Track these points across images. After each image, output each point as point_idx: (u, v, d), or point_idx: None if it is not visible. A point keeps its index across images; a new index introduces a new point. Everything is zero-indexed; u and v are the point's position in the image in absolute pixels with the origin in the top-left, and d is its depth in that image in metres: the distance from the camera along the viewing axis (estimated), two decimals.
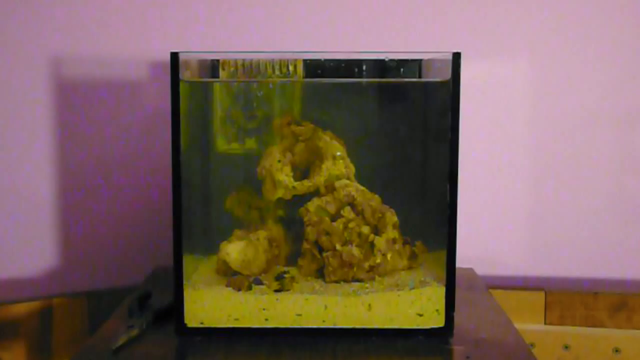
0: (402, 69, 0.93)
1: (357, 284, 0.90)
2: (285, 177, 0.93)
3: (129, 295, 1.00)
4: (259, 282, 0.89)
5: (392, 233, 0.92)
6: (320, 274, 0.92)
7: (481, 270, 1.18)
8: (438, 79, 0.88)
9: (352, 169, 0.95)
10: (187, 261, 0.86)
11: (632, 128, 1.19)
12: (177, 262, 0.84)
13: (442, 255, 0.85)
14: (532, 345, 1.15)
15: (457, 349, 0.83)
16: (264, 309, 0.85)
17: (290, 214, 0.96)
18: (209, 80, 0.95)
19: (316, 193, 0.94)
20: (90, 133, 1.16)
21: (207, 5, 1.17)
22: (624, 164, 1.20)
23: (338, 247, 0.90)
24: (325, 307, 0.86)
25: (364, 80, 0.94)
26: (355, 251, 0.90)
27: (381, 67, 0.93)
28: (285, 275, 0.89)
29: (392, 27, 1.18)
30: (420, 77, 0.95)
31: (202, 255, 0.97)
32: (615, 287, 1.20)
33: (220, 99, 0.98)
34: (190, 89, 0.88)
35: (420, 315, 0.86)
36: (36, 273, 1.15)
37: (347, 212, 0.91)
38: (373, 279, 0.91)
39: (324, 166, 0.93)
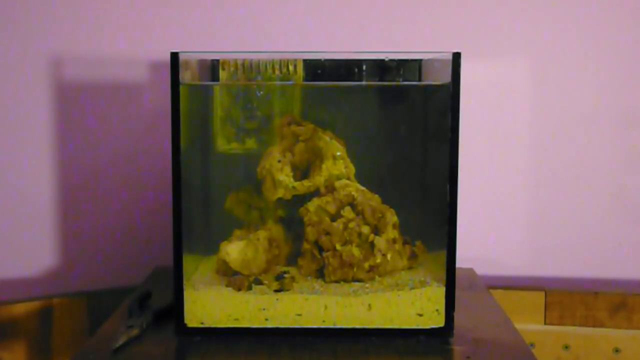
0: (402, 69, 0.93)
1: (357, 284, 0.90)
2: (285, 177, 0.93)
3: (129, 295, 1.00)
4: (259, 282, 0.89)
5: (392, 233, 0.92)
6: (320, 274, 0.92)
7: (481, 270, 1.18)
8: (438, 83, 0.88)
9: (352, 169, 0.95)
10: (187, 261, 0.86)
11: (632, 128, 1.19)
12: (177, 262, 0.84)
13: (442, 255, 0.85)
14: (532, 345, 1.15)
15: (457, 349, 0.83)
16: (264, 309, 0.85)
17: (290, 214, 0.96)
18: (209, 84, 0.95)
19: (316, 193, 0.94)
20: (90, 133, 1.16)
21: (207, 5, 1.17)
22: (624, 164, 1.20)
23: (338, 247, 0.90)
24: (325, 307, 0.86)
25: (365, 83, 0.94)
26: (355, 251, 0.90)
27: (381, 67, 0.92)
28: (285, 275, 0.89)
29: (392, 27, 1.18)
30: (420, 77, 0.95)
31: (202, 255, 0.97)
32: (615, 287, 1.20)
33: (220, 99, 0.98)
34: (190, 89, 0.88)
35: (420, 315, 0.86)
36: (36, 273, 1.15)
37: (347, 212, 0.91)
38: (373, 279, 0.91)
39: (324, 166, 0.93)
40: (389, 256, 0.91)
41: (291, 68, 0.91)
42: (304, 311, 0.85)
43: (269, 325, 0.85)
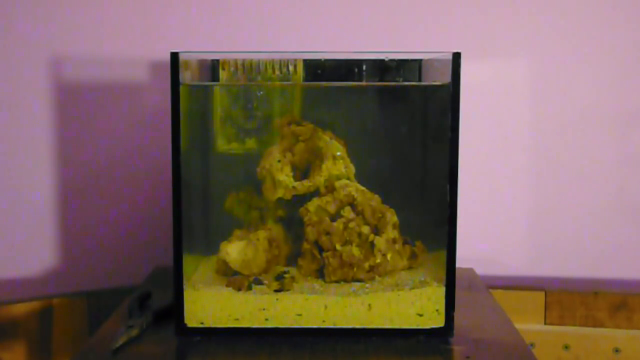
0: (402, 69, 0.93)
1: (357, 284, 0.90)
2: (285, 177, 0.93)
3: (129, 295, 1.00)
4: (259, 282, 0.89)
5: (392, 233, 0.92)
6: (320, 274, 0.92)
7: (481, 270, 1.18)
8: (438, 83, 0.88)
9: (352, 169, 0.95)
10: (187, 261, 0.86)
11: (632, 128, 1.19)
12: (177, 262, 0.84)
13: (442, 255, 0.85)
14: (532, 345, 1.15)
15: (457, 349, 0.83)
16: (264, 309, 0.85)
17: (290, 214, 0.96)
18: (209, 84, 0.95)
19: (316, 193, 0.94)
20: (90, 133, 1.16)
21: (207, 5, 1.17)
22: (624, 164, 1.20)
23: (338, 247, 0.90)
24: (325, 307, 0.86)
25: (365, 84, 0.94)
26: (355, 251, 0.90)
27: (381, 67, 0.92)
28: (285, 275, 0.89)
29: (392, 27, 1.18)
30: (420, 77, 0.95)
31: (202, 255, 0.97)
32: (615, 287, 1.20)
33: (220, 99, 0.98)
34: (190, 89, 0.88)
35: (420, 315, 0.86)
36: (36, 273, 1.15)
37: (347, 212, 0.91)
38: (373, 279, 0.91)
39: (324, 166, 0.93)
40: (389, 256, 0.91)
41: (291, 68, 0.91)
42: (304, 311, 0.85)
43: (269, 325, 0.85)
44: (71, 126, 1.15)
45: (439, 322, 0.86)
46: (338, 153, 0.93)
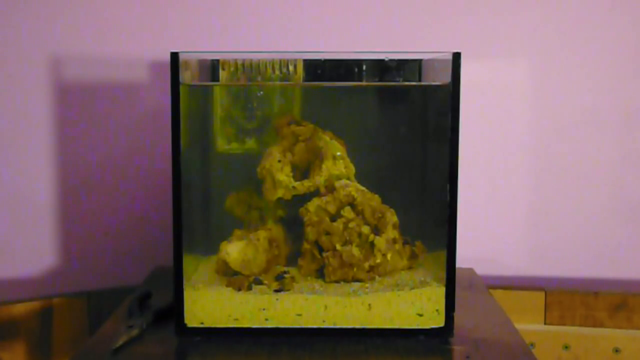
0: (402, 69, 0.93)
1: (357, 284, 0.90)
2: (285, 177, 0.93)
3: (129, 295, 1.00)
4: (259, 282, 0.89)
5: (392, 233, 0.92)
6: (320, 274, 0.92)
7: (481, 270, 1.18)
8: (438, 83, 0.88)
9: (352, 169, 0.95)
10: (187, 261, 0.86)
11: (632, 128, 1.19)
12: (177, 262, 0.84)
13: (442, 255, 0.85)
14: (532, 345, 1.15)
15: (457, 349, 0.83)
16: (264, 309, 0.85)
17: (290, 214, 0.96)
18: (209, 84, 0.95)
19: (316, 193, 0.94)
20: (90, 133, 1.16)
21: (207, 5, 1.17)
22: (624, 164, 1.20)
23: (338, 247, 0.90)
24: (325, 307, 0.86)
25: (365, 84, 0.94)
26: (355, 251, 0.90)
27: (381, 67, 0.92)
28: (285, 275, 0.89)
29: (392, 27, 1.18)
30: (420, 77, 0.95)
31: (202, 255, 0.97)
32: (615, 287, 1.20)
33: (221, 99, 0.98)
34: (190, 89, 0.88)
35: (420, 315, 0.86)
36: (36, 273, 1.15)
37: (347, 212, 0.91)
38: (373, 279, 0.91)
39: (324, 166, 0.93)
40: (389, 256, 0.91)
41: (291, 68, 0.91)
42: (304, 311, 0.85)
43: (269, 325, 0.85)
44: (71, 126, 1.15)
45: (439, 322, 0.86)
46: (338, 153, 0.93)
